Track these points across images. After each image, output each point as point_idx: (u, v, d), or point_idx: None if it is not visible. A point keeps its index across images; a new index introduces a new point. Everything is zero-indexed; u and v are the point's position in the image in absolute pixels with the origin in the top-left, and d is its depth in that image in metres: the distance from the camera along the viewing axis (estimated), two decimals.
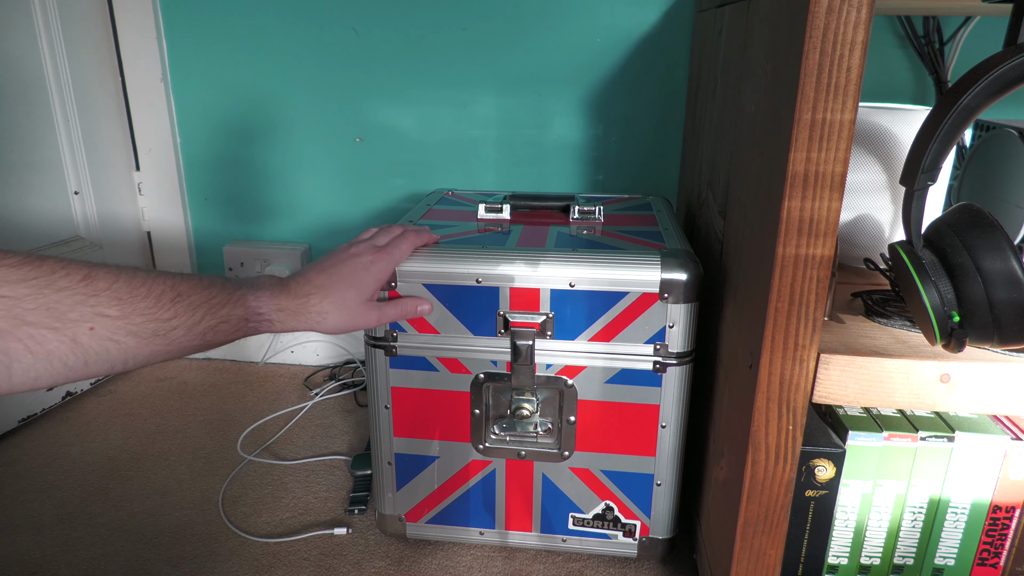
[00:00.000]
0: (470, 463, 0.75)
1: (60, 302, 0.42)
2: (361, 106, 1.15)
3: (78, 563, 0.77)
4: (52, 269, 0.42)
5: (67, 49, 1.07)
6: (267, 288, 0.56)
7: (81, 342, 0.43)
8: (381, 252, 0.65)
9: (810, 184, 0.46)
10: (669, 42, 1.06)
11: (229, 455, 0.98)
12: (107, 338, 0.44)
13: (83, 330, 0.43)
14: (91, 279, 0.43)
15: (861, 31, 0.42)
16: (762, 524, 0.56)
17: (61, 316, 0.42)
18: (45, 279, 0.41)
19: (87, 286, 0.43)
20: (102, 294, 0.44)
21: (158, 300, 0.47)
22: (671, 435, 0.71)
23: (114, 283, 0.44)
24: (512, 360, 0.70)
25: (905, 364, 0.49)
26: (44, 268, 0.41)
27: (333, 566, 0.76)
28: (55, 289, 0.41)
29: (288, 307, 0.57)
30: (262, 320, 0.55)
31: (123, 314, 0.45)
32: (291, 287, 0.58)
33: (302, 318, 0.58)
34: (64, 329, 0.42)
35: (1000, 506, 0.60)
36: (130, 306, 0.45)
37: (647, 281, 0.66)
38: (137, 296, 0.46)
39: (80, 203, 1.12)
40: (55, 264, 0.42)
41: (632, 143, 1.11)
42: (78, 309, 0.42)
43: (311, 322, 0.59)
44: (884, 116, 0.65)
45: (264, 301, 0.56)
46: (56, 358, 0.42)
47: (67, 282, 0.42)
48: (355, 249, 0.65)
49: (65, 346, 0.42)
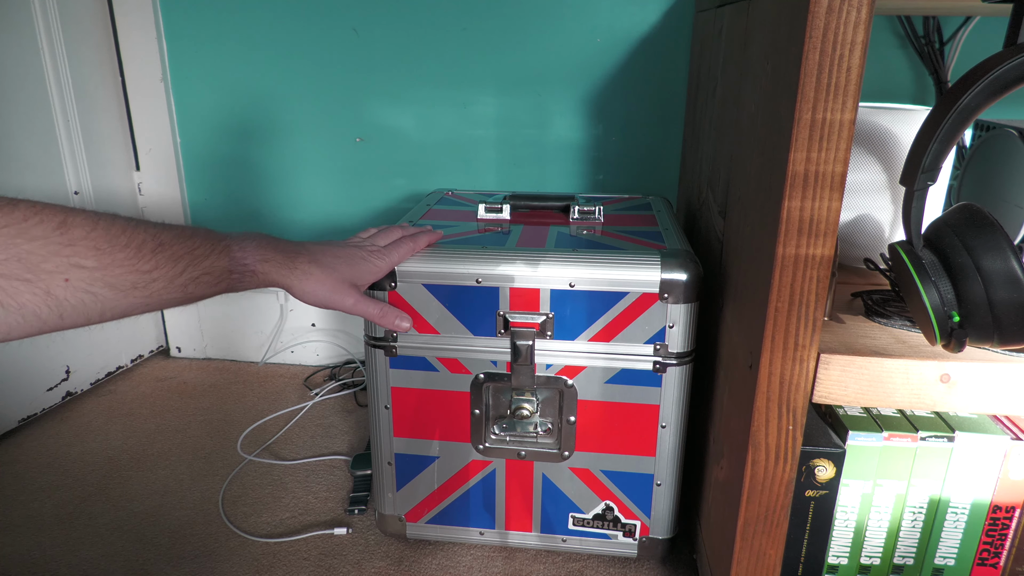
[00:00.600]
0: (470, 463, 0.75)
1: (33, 252, 0.39)
2: (361, 106, 1.15)
3: (78, 563, 0.77)
4: (25, 215, 0.39)
5: (67, 49, 1.07)
6: (253, 239, 0.55)
7: (56, 294, 0.40)
8: (379, 251, 0.65)
9: (810, 184, 0.46)
10: (669, 42, 1.06)
11: (229, 455, 0.98)
12: (83, 290, 0.41)
13: (58, 282, 0.40)
14: (67, 227, 0.40)
15: (861, 31, 0.42)
16: (762, 524, 0.56)
17: (34, 267, 0.39)
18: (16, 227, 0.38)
19: (62, 235, 0.40)
20: (79, 243, 0.41)
21: (138, 250, 0.44)
22: (671, 435, 0.71)
23: (92, 231, 0.42)
24: (512, 360, 0.70)
25: (905, 364, 0.49)
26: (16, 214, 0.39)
27: (333, 566, 0.76)
28: (28, 238, 0.39)
29: (274, 259, 0.56)
30: (246, 271, 0.53)
31: (101, 265, 0.42)
32: (281, 243, 0.57)
33: (285, 272, 0.56)
34: (37, 281, 0.39)
35: (1000, 506, 0.60)
36: (108, 256, 0.42)
37: (647, 281, 0.66)
38: (116, 246, 0.43)
39: (80, 203, 1.12)
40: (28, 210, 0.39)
41: (632, 143, 1.11)
42: (53, 260, 0.40)
43: (294, 279, 0.57)
44: (884, 116, 0.65)
45: (249, 252, 0.54)
46: (29, 311, 0.40)
47: (41, 230, 0.39)
48: (353, 241, 0.65)
49: (39, 298, 0.40)
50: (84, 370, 1.15)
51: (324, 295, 0.59)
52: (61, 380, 1.10)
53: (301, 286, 0.58)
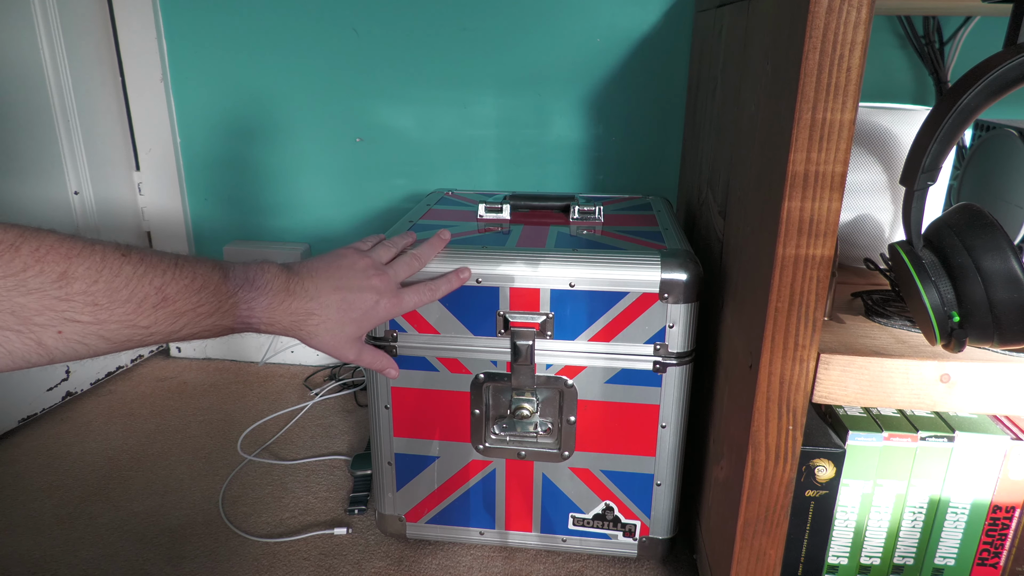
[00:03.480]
0: (470, 463, 0.75)
1: (26, 306, 0.38)
2: (361, 106, 1.15)
3: (78, 563, 0.77)
4: (25, 265, 0.38)
5: (67, 49, 1.07)
6: (265, 295, 0.53)
7: (47, 344, 0.39)
8: (394, 300, 0.63)
9: (810, 184, 0.46)
10: (669, 42, 1.06)
11: (229, 455, 0.98)
12: (76, 341, 0.41)
13: (50, 334, 0.39)
14: (67, 279, 0.39)
15: (861, 31, 0.42)
16: (762, 524, 0.56)
17: (26, 320, 0.38)
18: (15, 279, 0.37)
19: (60, 288, 0.39)
20: (76, 298, 0.40)
21: (139, 306, 0.43)
22: (671, 435, 0.71)
23: (93, 284, 0.40)
24: (512, 360, 0.70)
25: (905, 364, 0.49)
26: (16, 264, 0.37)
27: (333, 566, 0.76)
28: (24, 292, 0.38)
29: (280, 322, 0.54)
30: (249, 328, 0.53)
31: (97, 320, 0.41)
32: (292, 304, 0.55)
33: (291, 334, 0.56)
34: (29, 332, 0.38)
35: (1000, 506, 0.60)
36: (106, 312, 0.41)
37: (647, 281, 0.66)
38: (116, 301, 0.41)
39: (80, 203, 1.12)
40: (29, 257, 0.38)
41: (632, 143, 1.11)
42: (46, 314, 0.39)
43: (299, 336, 0.57)
44: (884, 116, 0.65)
45: (257, 312, 0.52)
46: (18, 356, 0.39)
47: (39, 282, 0.38)
48: (375, 282, 0.61)
49: (28, 347, 0.39)
50: (84, 370, 1.15)
51: (326, 350, 0.59)
52: (61, 380, 1.10)
53: (306, 342, 0.58)
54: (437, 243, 0.69)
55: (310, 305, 0.56)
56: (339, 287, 0.59)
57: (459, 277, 0.67)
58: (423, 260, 0.67)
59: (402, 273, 0.65)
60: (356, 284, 0.60)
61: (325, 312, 0.57)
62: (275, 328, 0.55)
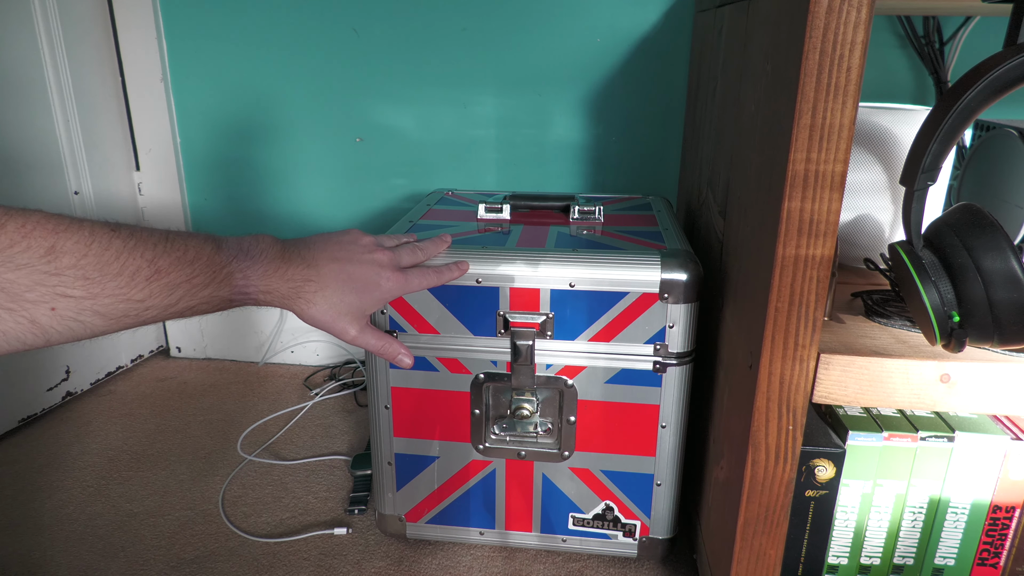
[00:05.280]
0: (470, 463, 0.75)
1: (16, 282, 0.37)
2: (361, 106, 1.15)
3: (78, 563, 0.77)
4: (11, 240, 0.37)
5: (67, 49, 1.07)
6: (260, 263, 0.52)
7: (41, 322, 0.39)
8: (399, 275, 0.61)
9: (810, 184, 0.46)
10: (669, 42, 1.06)
11: (229, 455, 0.98)
12: (71, 318, 0.40)
13: (43, 311, 0.39)
14: (55, 253, 0.38)
15: (861, 31, 0.42)
16: (762, 524, 0.56)
17: (17, 296, 0.37)
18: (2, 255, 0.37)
19: (49, 262, 0.38)
20: (66, 272, 0.39)
21: (131, 279, 0.42)
22: (671, 435, 0.71)
23: (82, 258, 0.39)
24: (512, 360, 0.70)
25: (905, 364, 0.49)
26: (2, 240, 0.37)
27: (333, 566, 0.76)
28: (12, 267, 0.37)
29: (277, 290, 0.53)
30: (247, 299, 0.51)
31: (90, 295, 0.40)
32: (289, 270, 0.54)
33: (288, 303, 0.55)
34: (21, 310, 0.38)
35: (1000, 506, 0.60)
36: (98, 286, 0.40)
37: (647, 281, 0.66)
38: (107, 274, 0.41)
39: (80, 203, 1.12)
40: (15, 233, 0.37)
41: (632, 143, 1.11)
42: (37, 289, 0.38)
43: (296, 307, 0.56)
44: (884, 116, 0.65)
45: (253, 280, 0.51)
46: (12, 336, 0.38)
47: (27, 258, 0.37)
48: (378, 256, 0.61)
49: (22, 326, 0.38)
50: (84, 370, 1.15)
51: (325, 324, 0.57)
52: (61, 380, 1.10)
53: (302, 313, 0.56)
54: (439, 243, 0.69)
55: (307, 272, 0.55)
56: (338, 258, 0.58)
57: (460, 268, 0.67)
58: (427, 253, 0.67)
59: (406, 258, 0.64)
60: (357, 257, 0.59)
61: (323, 280, 0.56)
62: (273, 297, 0.54)
